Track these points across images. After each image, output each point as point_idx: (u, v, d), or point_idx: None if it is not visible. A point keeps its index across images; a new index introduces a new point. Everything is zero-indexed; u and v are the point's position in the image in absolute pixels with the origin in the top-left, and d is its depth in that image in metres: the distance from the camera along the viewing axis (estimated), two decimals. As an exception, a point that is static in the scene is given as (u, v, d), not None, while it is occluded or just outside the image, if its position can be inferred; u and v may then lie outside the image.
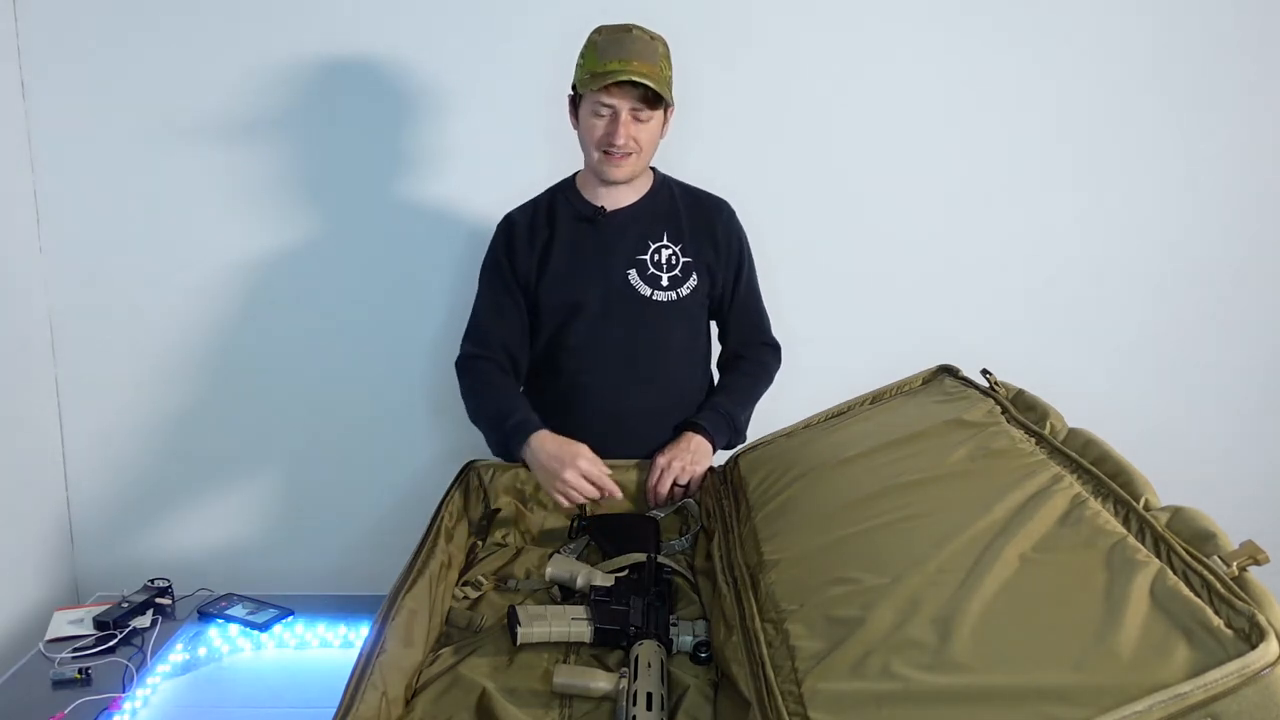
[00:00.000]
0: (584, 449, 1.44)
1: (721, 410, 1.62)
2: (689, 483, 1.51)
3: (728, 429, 1.61)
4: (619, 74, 1.42)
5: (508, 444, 1.50)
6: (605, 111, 1.48)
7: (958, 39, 2.06)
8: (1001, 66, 2.07)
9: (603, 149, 1.51)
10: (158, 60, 2.01)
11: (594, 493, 1.43)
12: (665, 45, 1.51)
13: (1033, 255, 2.17)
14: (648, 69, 1.44)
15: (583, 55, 1.51)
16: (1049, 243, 2.17)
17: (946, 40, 2.06)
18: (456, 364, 1.66)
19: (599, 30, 1.50)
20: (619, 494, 1.46)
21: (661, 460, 1.51)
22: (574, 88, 1.54)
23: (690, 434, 1.56)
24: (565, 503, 1.44)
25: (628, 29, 1.48)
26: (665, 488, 1.49)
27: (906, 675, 0.79)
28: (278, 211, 2.09)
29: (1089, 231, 2.16)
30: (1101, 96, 2.09)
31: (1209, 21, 2.06)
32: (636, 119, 1.49)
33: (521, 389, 1.68)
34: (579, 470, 1.41)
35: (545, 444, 1.45)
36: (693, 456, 1.52)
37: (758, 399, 1.71)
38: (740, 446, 1.55)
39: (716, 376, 1.77)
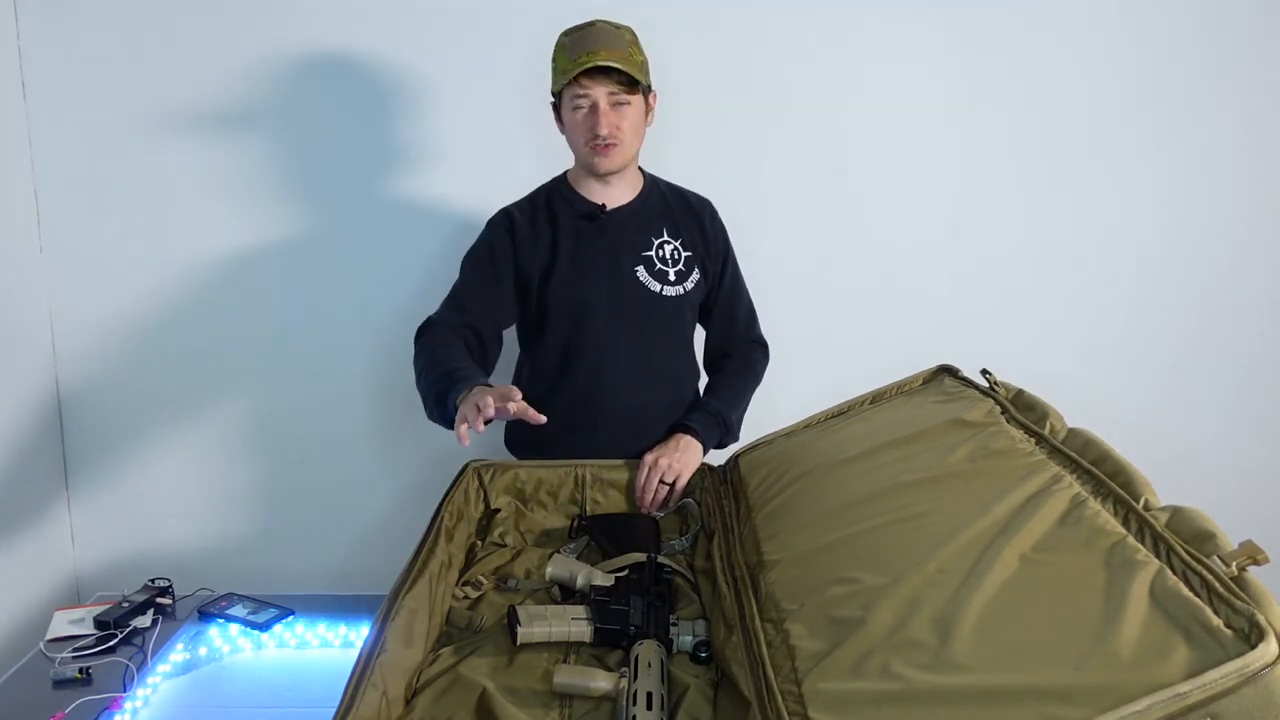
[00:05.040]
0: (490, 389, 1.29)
1: (711, 410, 1.63)
2: (675, 481, 1.49)
3: (718, 428, 1.61)
4: (587, 62, 1.45)
5: (446, 396, 1.36)
6: (584, 104, 1.50)
7: (958, 38, 2.06)
8: (1002, 65, 2.07)
9: (588, 143, 1.52)
10: (158, 60, 2.01)
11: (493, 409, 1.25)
12: (633, 33, 1.54)
13: (1032, 255, 2.17)
14: (617, 55, 1.47)
15: (554, 59, 1.54)
16: (1049, 243, 2.16)
17: (946, 40, 2.06)
18: (419, 328, 1.54)
19: (565, 33, 1.53)
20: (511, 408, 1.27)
21: (649, 458, 1.50)
22: (553, 93, 1.56)
23: (680, 434, 1.56)
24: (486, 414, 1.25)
25: (591, 24, 1.51)
26: (652, 485, 1.47)
27: (906, 675, 0.79)
28: (280, 211, 2.09)
29: (1090, 231, 2.16)
30: (1102, 96, 2.09)
31: (1209, 24, 2.06)
32: (616, 106, 1.50)
33: (521, 382, 1.65)
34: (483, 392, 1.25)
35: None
36: (681, 455, 1.51)
37: (749, 397, 1.71)
38: (740, 446, 1.55)
39: (704, 374, 1.77)
